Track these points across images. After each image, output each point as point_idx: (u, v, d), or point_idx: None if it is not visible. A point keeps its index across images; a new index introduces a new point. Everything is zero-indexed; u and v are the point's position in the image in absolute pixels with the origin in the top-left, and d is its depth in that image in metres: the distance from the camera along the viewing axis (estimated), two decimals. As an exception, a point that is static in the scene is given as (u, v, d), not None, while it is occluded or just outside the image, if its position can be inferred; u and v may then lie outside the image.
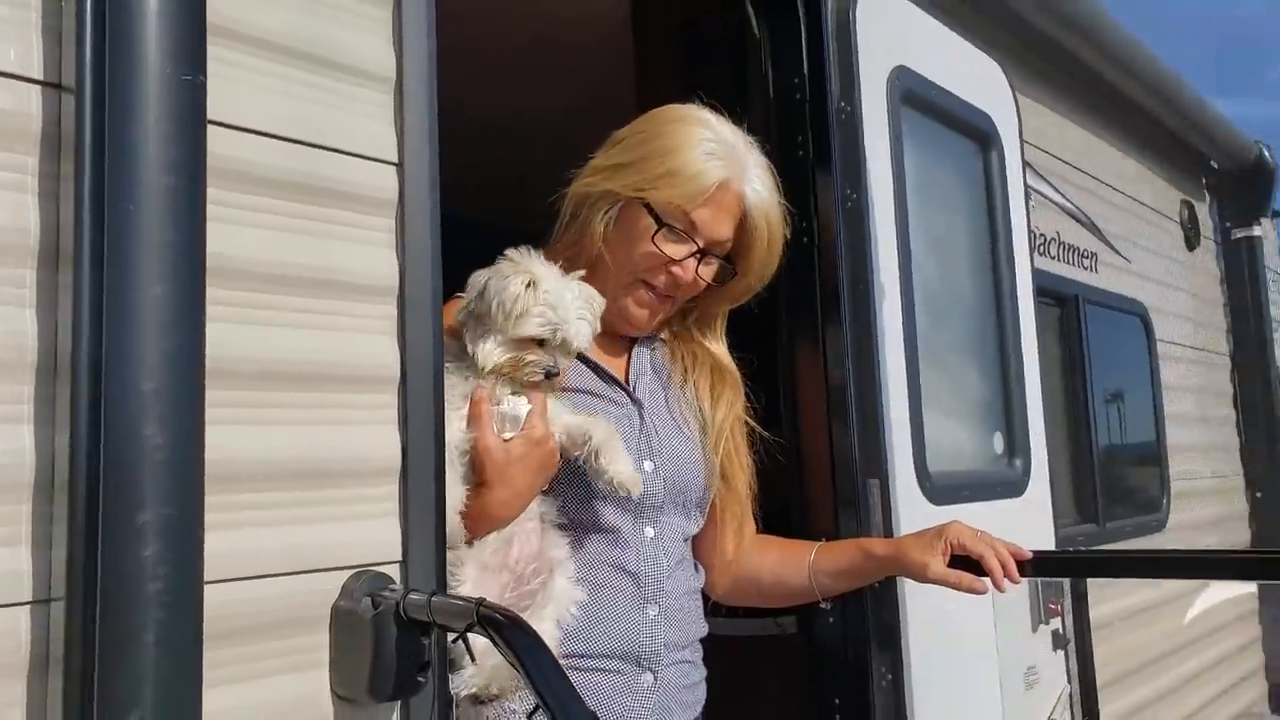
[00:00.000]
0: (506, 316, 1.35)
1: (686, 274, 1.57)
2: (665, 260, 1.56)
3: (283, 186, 1.09)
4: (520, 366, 1.39)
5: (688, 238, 1.56)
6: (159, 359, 0.80)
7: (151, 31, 0.83)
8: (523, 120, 3.19)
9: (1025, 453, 2.63)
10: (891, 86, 2.26)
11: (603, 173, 1.58)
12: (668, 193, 1.53)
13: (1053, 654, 2.74)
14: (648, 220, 1.55)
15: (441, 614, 1.03)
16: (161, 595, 0.78)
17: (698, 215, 1.55)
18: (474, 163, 2.80)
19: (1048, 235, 3.50)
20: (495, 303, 1.35)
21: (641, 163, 1.56)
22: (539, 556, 1.43)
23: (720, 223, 1.57)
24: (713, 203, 1.56)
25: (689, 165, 1.54)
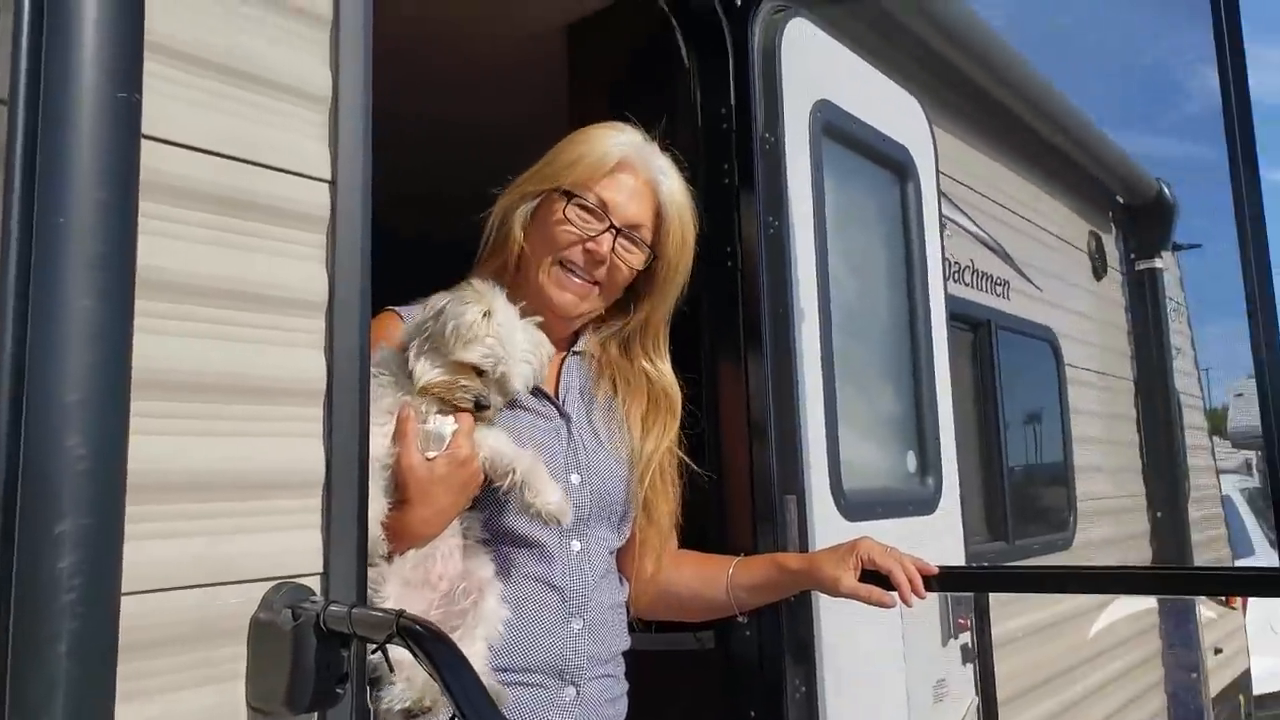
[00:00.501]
0: (455, 340, 1.37)
1: (601, 248, 1.60)
2: (580, 237, 1.60)
3: (215, 201, 1.11)
4: (453, 389, 1.40)
5: (599, 214, 1.61)
6: (84, 370, 0.81)
7: (88, 46, 0.84)
8: (457, 136, 3.20)
9: (937, 471, 2.72)
10: (814, 119, 2.34)
11: (520, 183, 1.66)
12: (574, 174, 1.61)
13: (962, 667, 2.83)
14: (560, 204, 1.61)
15: (362, 625, 1.05)
16: (75, 606, 0.78)
17: (607, 194, 1.61)
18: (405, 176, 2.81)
19: (962, 263, 3.63)
20: (450, 325, 1.37)
21: (551, 161, 1.65)
22: (466, 575, 1.44)
23: (631, 203, 1.63)
24: (619, 182, 1.62)
25: (594, 150, 1.63)
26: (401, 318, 1.59)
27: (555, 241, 1.61)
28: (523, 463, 1.43)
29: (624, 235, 1.63)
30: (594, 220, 1.61)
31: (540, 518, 1.43)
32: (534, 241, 1.62)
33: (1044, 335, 4.25)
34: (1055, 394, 4.30)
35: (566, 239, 1.60)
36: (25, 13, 0.85)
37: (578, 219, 1.60)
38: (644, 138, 1.68)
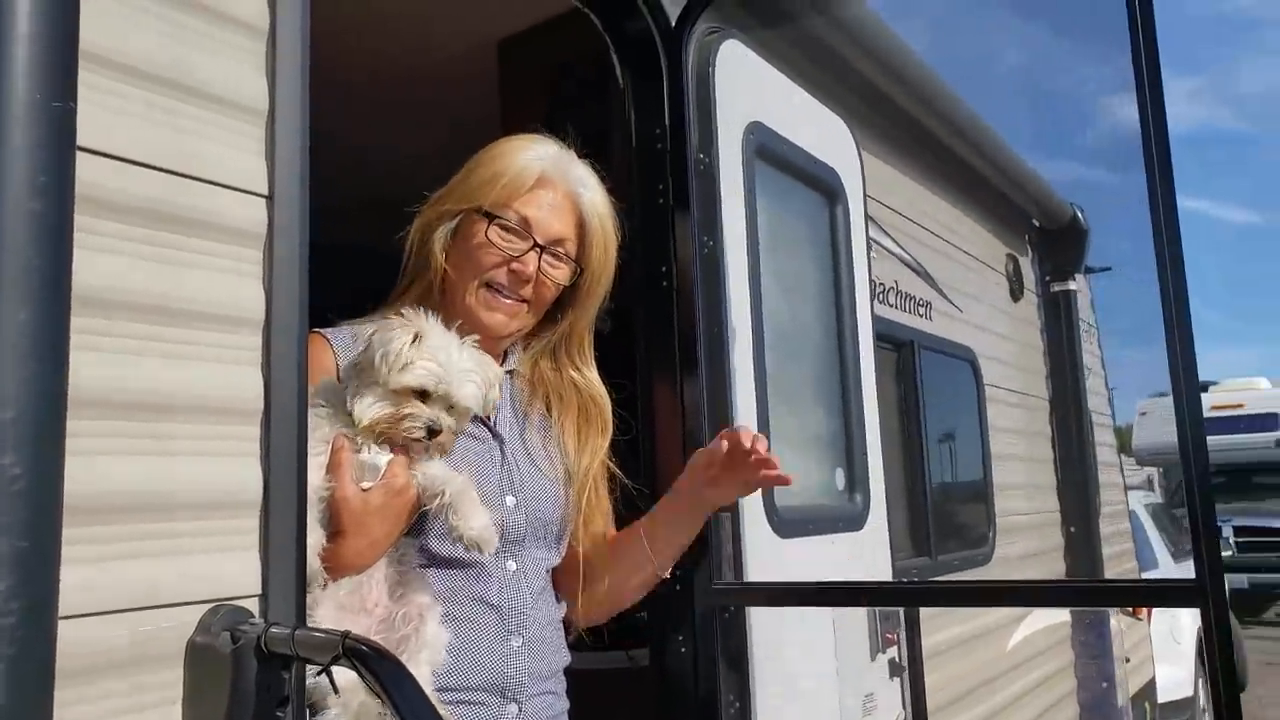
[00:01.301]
0: (389, 368, 1.34)
1: (527, 268, 1.60)
2: (504, 258, 1.59)
3: (149, 215, 1.08)
4: (399, 421, 1.36)
5: (523, 233, 1.60)
6: (19, 387, 0.78)
7: (20, 55, 0.82)
8: (386, 154, 3.18)
9: (865, 488, 2.78)
10: (747, 140, 2.39)
11: (437, 200, 1.64)
12: (495, 193, 1.59)
13: (889, 681, 2.89)
14: (481, 225, 1.59)
15: (305, 647, 1.03)
16: (14, 630, 0.75)
17: (529, 212, 1.60)
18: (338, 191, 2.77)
19: (886, 284, 3.71)
20: (379, 354, 1.34)
21: (469, 177, 1.63)
22: (405, 601, 1.42)
23: (553, 219, 1.63)
24: (540, 200, 1.62)
25: (511, 166, 1.61)
26: (327, 339, 1.56)
27: (479, 264, 1.59)
28: (453, 486, 1.40)
29: (548, 252, 1.63)
30: (517, 239, 1.60)
31: (463, 543, 1.40)
32: (457, 263, 1.61)
33: (965, 355, 4.37)
34: (975, 413, 4.42)
35: (490, 260, 1.59)
36: (-43, 20, 0.82)
37: (500, 239, 1.59)
38: (560, 147, 1.68)
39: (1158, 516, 9.13)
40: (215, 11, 1.19)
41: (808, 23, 3.00)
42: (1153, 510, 9.14)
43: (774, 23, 2.67)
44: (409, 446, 1.40)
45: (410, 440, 1.38)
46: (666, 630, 2.07)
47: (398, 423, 1.37)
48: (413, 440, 1.38)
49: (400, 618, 1.39)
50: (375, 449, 1.37)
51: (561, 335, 1.74)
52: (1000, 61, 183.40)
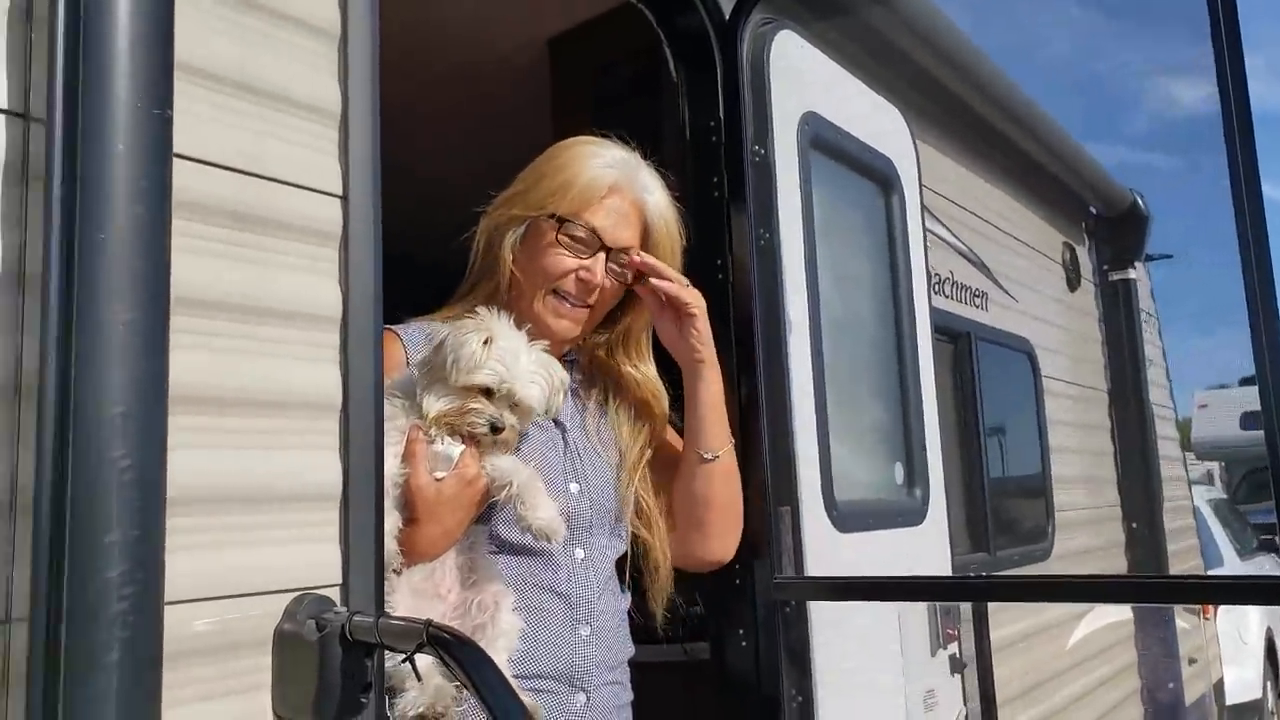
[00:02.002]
0: (456, 370, 1.38)
1: (595, 275, 1.63)
2: (573, 266, 1.62)
3: (231, 216, 1.12)
4: (463, 414, 1.41)
5: (591, 242, 1.63)
6: (128, 383, 0.82)
7: (122, 65, 0.86)
8: (439, 157, 3.22)
9: (924, 483, 2.74)
10: (802, 131, 2.37)
11: (505, 202, 1.67)
12: (565, 202, 1.62)
13: (950, 678, 2.86)
14: (550, 231, 1.62)
15: (389, 635, 1.06)
16: (126, 616, 0.79)
17: (597, 220, 1.63)
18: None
19: (942, 275, 3.68)
20: (450, 357, 1.38)
21: (538, 183, 1.65)
22: (479, 588, 1.45)
23: (621, 227, 1.66)
24: (609, 208, 1.64)
25: (581, 175, 1.64)
26: (399, 335, 1.60)
27: (548, 271, 1.63)
28: (520, 476, 1.44)
29: (614, 258, 1.66)
30: (585, 248, 1.63)
31: (532, 533, 1.43)
32: (525, 268, 1.65)
33: (1022, 346, 4.30)
34: (1033, 405, 4.35)
35: (559, 268, 1.63)
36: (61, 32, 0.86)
37: (570, 246, 1.63)
38: (626, 152, 1.70)
39: (1221, 512, 8.91)
40: (289, 17, 1.22)
41: (862, 11, 2.98)
42: (1215, 506, 8.93)
43: (828, 13, 2.66)
44: (476, 439, 1.43)
45: (473, 433, 1.41)
46: (727, 625, 2.08)
47: (461, 416, 1.40)
48: (476, 433, 1.41)
49: (475, 605, 1.42)
50: (449, 440, 1.40)
51: (620, 334, 1.77)
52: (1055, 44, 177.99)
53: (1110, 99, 73.01)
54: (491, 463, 1.45)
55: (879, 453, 2.73)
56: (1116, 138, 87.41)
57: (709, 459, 1.75)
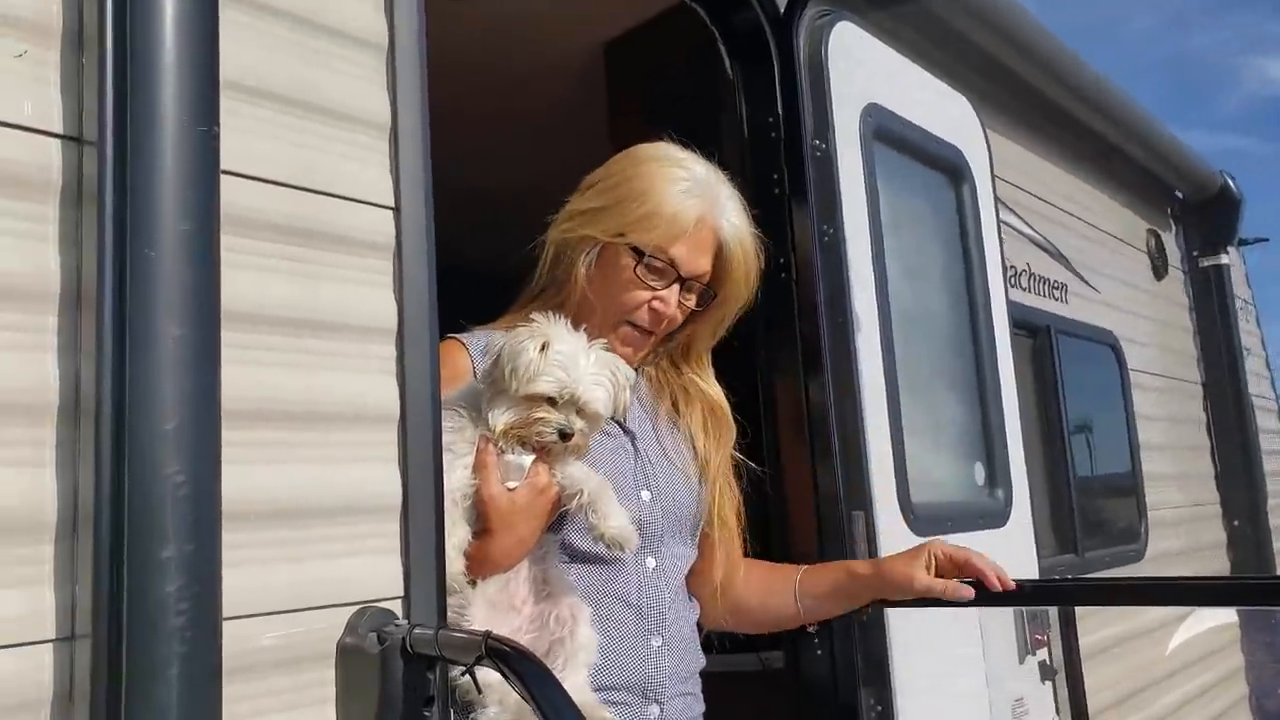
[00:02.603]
0: (516, 380, 1.36)
1: (668, 308, 1.61)
2: (647, 298, 1.60)
3: (285, 231, 1.13)
4: (530, 425, 1.39)
5: (668, 274, 1.61)
6: (180, 398, 0.82)
7: (169, 85, 0.87)
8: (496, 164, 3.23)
9: (1006, 483, 2.66)
10: (864, 123, 2.32)
11: (580, 217, 1.63)
12: (647, 235, 1.58)
13: (1040, 685, 2.75)
14: (629, 261, 1.59)
15: (449, 648, 1.05)
16: (184, 631, 0.80)
17: (677, 252, 1.60)
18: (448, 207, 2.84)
19: (1018, 267, 3.57)
20: (508, 368, 1.37)
21: (618, 206, 1.60)
22: (554, 601, 1.44)
23: (699, 257, 1.62)
24: (690, 239, 1.60)
25: (665, 205, 1.58)
26: (464, 344, 1.59)
27: (621, 302, 1.60)
28: (590, 484, 1.42)
29: (686, 287, 1.64)
30: (661, 279, 1.61)
31: (604, 542, 1.41)
32: (599, 292, 1.62)
33: (1105, 339, 4.16)
34: (1120, 399, 4.20)
35: (633, 300, 1.61)
36: (109, 55, 0.87)
37: (647, 278, 1.60)
38: (706, 169, 1.65)
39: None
40: (336, 31, 1.23)
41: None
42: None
43: (886, 1, 2.59)
44: (547, 449, 1.41)
45: (543, 443, 1.40)
46: (801, 632, 2.03)
47: (528, 427, 1.39)
48: (545, 443, 1.39)
49: (553, 619, 1.40)
50: (520, 450, 1.39)
51: (681, 345, 1.75)
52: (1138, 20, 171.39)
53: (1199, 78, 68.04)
54: (563, 471, 1.43)
55: (957, 452, 2.65)
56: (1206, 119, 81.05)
57: (805, 624, 1.86)
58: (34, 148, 0.92)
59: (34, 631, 0.86)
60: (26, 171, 0.92)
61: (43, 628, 0.86)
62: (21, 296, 0.90)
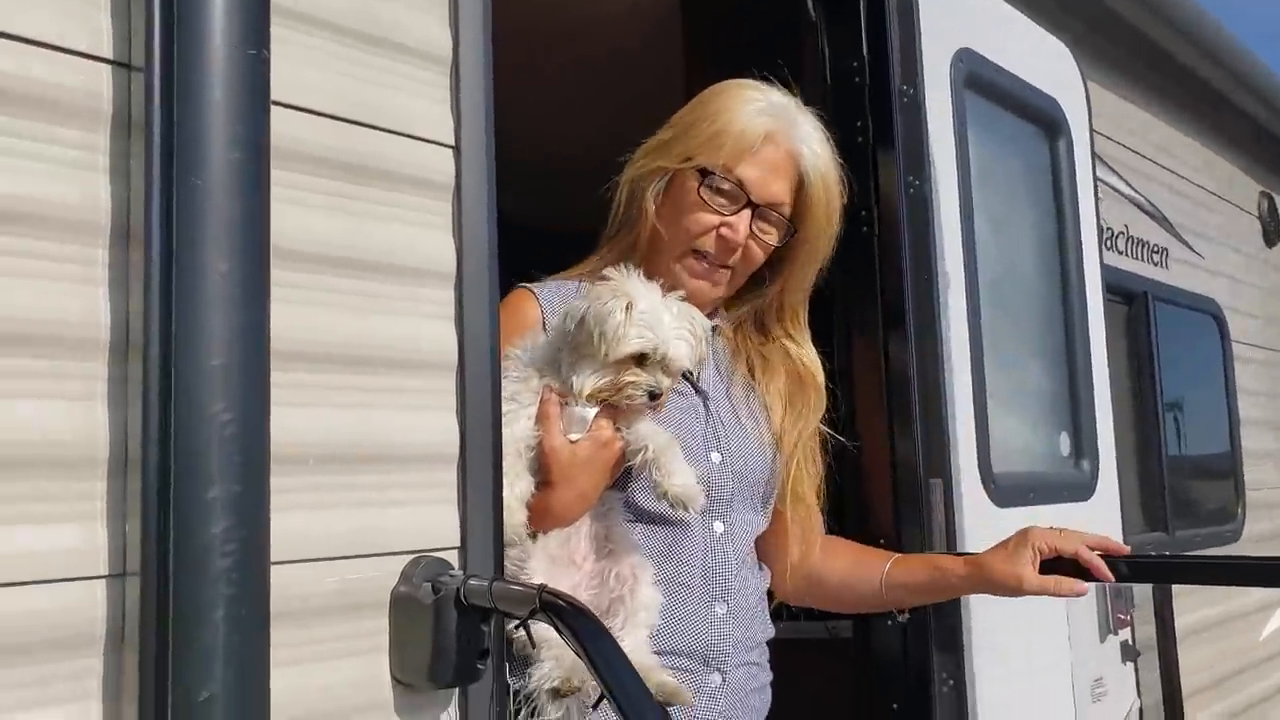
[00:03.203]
0: (604, 344, 1.32)
1: (737, 234, 1.51)
2: (714, 223, 1.51)
3: (338, 167, 1.09)
4: (620, 389, 1.35)
5: (737, 197, 1.52)
6: (226, 335, 0.80)
7: (218, 6, 0.83)
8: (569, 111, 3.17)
9: (1093, 455, 2.55)
10: (955, 69, 2.20)
11: (652, 152, 1.57)
12: (713, 154, 1.50)
13: (1121, 666, 2.65)
14: (694, 183, 1.51)
15: (503, 600, 1.02)
16: (230, 572, 0.78)
17: (745, 173, 1.51)
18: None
19: (1115, 229, 3.39)
20: (596, 332, 1.33)
21: (688, 131, 1.54)
22: (615, 558, 1.40)
23: (771, 180, 1.52)
24: (761, 159, 1.51)
25: (734, 123, 1.51)
26: (535, 295, 1.55)
27: (688, 228, 1.53)
28: (657, 440, 1.37)
29: (760, 215, 1.53)
30: (729, 202, 1.52)
31: (668, 500, 1.36)
32: (667, 222, 1.55)
33: (1207, 308, 3.97)
34: (1220, 372, 4.01)
35: (700, 225, 1.52)
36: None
37: (713, 201, 1.51)
38: (784, 96, 1.56)
39: None
40: (398, -39, 1.18)
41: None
42: None
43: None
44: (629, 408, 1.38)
45: (633, 405, 1.37)
46: (873, 603, 1.96)
47: (618, 391, 1.35)
48: (635, 405, 1.37)
49: (613, 576, 1.37)
50: (583, 401, 1.35)
51: (771, 303, 1.65)
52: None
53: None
54: (629, 426, 1.39)
55: (1043, 422, 2.54)
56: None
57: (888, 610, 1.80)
58: (85, 74, 0.90)
59: (88, 567, 0.85)
60: (77, 98, 0.90)
61: (95, 563, 0.86)
62: (73, 227, 0.88)
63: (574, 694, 1.24)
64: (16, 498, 0.84)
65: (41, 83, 0.88)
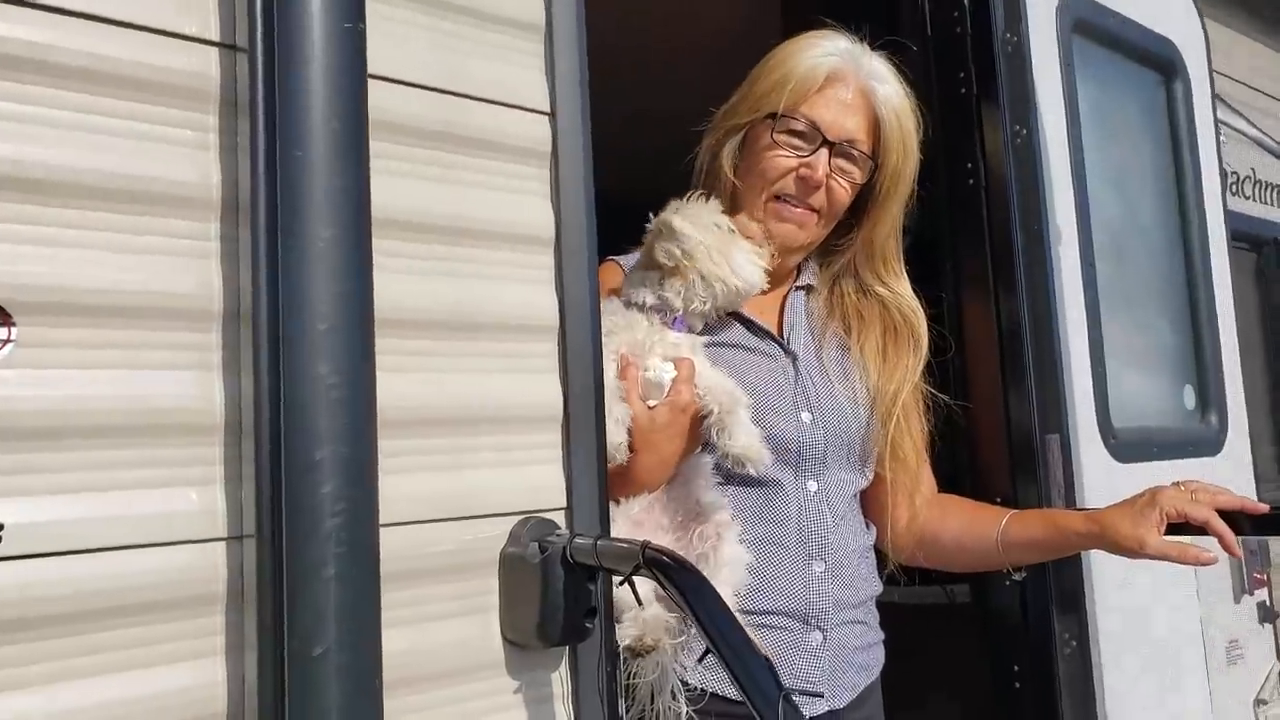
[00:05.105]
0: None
1: (816, 172, 1.51)
2: (793, 165, 1.52)
3: (435, 137, 1.10)
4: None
5: (812, 136, 1.52)
6: (331, 300, 0.82)
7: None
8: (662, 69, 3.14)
9: (1221, 408, 2.43)
10: (1061, 14, 2.11)
11: (725, 114, 1.59)
12: (782, 98, 1.51)
13: (1259, 628, 2.52)
14: (767, 132, 1.53)
15: (608, 557, 1.02)
16: (340, 532, 0.80)
17: (817, 114, 1.52)
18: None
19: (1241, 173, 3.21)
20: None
21: (754, 85, 1.56)
22: (701, 517, 1.40)
23: (845, 118, 1.53)
24: (831, 99, 1.52)
25: (799, 66, 1.52)
26: (621, 267, 1.56)
27: (766, 173, 1.53)
28: (724, 401, 1.35)
29: (838, 153, 1.53)
30: (805, 143, 1.52)
31: (729, 461, 1.35)
32: (746, 176, 1.56)
33: (1344, 252, 3.70)
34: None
35: (778, 169, 1.53)
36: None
37: (788, 144, 1.52)
38: (850, 40, 1.56)
39: None
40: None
41: None
42: None
43: None
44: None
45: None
46: (990, 563, 1.91)
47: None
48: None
49: (696, 535, 1.37)
50: (660, 367, 1.35)
51: (861, 247, 1.63)
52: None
53: None
54: (704, 383, 1.37)
55: (1165, 375, 2.42)
56: None
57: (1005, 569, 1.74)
58: (195, 56, 0.93)
59: (209, 529, 0.89)
60: (188, 81, 0.93)
61: (215, 526, 0.89)
62: (188, 204, 0.92)
63: (647, 653, 1.24)
64: (141, 463, 0.88)
65: (155, 67, 0.91)
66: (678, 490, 1.40)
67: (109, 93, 0.89)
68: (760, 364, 1.54)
